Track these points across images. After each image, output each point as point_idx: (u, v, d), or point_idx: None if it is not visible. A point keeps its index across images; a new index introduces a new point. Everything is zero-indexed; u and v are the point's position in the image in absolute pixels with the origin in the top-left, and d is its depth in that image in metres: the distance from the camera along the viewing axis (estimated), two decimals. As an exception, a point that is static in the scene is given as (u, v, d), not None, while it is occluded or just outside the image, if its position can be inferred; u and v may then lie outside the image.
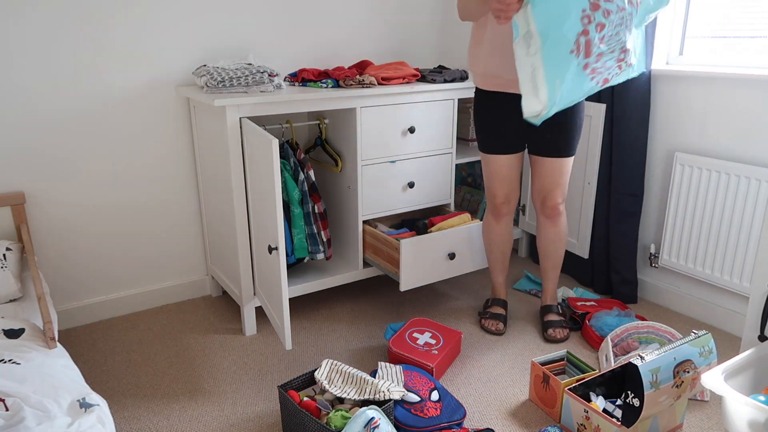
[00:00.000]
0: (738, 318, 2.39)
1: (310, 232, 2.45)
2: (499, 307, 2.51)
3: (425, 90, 2.49)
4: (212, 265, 2.70)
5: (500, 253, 2.47)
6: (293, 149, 2.45)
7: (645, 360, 1.62)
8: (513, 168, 2.29)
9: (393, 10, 2.96)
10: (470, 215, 2.62)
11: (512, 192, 2.34)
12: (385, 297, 2.76)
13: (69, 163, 2.35)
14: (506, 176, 2.30)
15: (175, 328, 2.49)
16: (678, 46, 2.55)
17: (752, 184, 2.22)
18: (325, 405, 1.75)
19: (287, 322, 2.01)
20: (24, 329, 1.65)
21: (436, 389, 1.93)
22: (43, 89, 2.23)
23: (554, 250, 2.40)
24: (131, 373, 2.17)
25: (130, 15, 2.33)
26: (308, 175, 2.43)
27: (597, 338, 2.30)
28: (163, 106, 2.49)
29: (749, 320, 1.96)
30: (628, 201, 2.60)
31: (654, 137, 2.59)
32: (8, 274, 1.90)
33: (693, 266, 2.47)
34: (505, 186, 2.32)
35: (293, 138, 2.50)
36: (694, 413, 1.94)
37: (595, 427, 1.74)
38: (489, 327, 2.44)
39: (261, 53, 2.66)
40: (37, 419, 1.26)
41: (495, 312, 2.49)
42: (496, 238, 2.43)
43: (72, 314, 2.48)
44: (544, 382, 1.93)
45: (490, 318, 2.46)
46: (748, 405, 1.59)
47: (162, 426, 1.89)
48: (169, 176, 2.57)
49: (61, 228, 2.39)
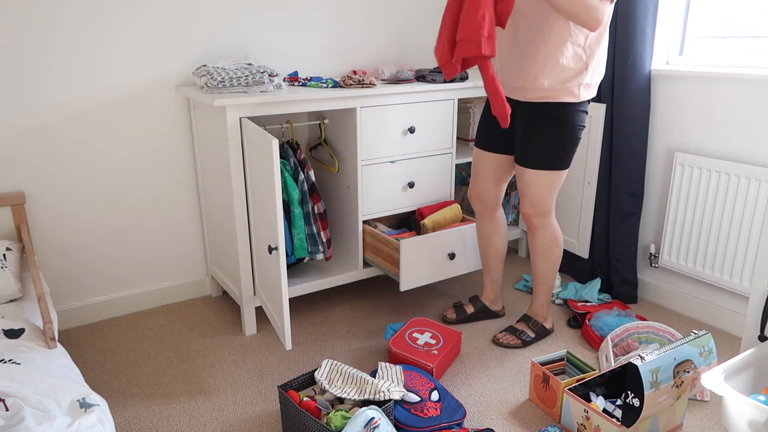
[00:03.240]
0: (738, 318, 2.39)
1: (309, 232, 2.44)
2: (469, 303, 2.55)
3: (425, 90, 2.49)
4: (212, 265, 2.70)
5: (484, 250, 2.46)
6: (293, 149, 2.45)
7: (645, 360, 1.62)
8: (490, 166, 2.28)
9: (393, 9, 2.95)
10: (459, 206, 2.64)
11: (486, 191, 2.32)
12: (385, 297, 2.76)
13: (69, 163, 2.35)
14: (481, 172, 2.31)
15: (175, 328, 2.49)
16: (678, 46, 2.55)
17: (752, 184, 2.22)
18: (325, 405, 1.75)
19: (287, 322, 2.01)
20: (24, 329, 1.65)
21: (436, 389, 1.93)
22: (43, 89, 2.23)
23: (536, 263, 2.30)
24: (131, 373, 2.17)
25: (130, 15, 2.33)
26: (308, 176, 2.43)
27: (597, 338, 2.30)
28: (163, 106, 2.49)
29: (749, 320, 1.96)
30: (628, 201, 2.60)
31: (654, 137, 2.59)
32: (8, 274, 1.90)
33: (693, 266, 2.47)
34: (479, 182, 2.33)
35: (293, 138, 2.50)
36: (694, 413, 1.94)
37: (595, 427, 1.74)
38: (444, 314, 2.56)
39: (261, 53, 2.66)
40: (37, 419, 1.26)
41: (457, 303, 2.57)
42: (480, 233, 2.44)
43: (72, 314, 2.48)
44: (544, 382, 1.93)
45: (451, 306, 2.60)
46: (748, 405, 1.59)
47: (162, 426, 1.89)
48: (169, 176, 2.57)
49: (61, 228, 2.39)
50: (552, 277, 2.32)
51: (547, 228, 2.23)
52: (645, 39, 2.42)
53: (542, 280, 2.32)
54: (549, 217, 2.21)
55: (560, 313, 2.62)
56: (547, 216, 2.21)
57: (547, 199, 2.17)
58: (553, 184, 2.14)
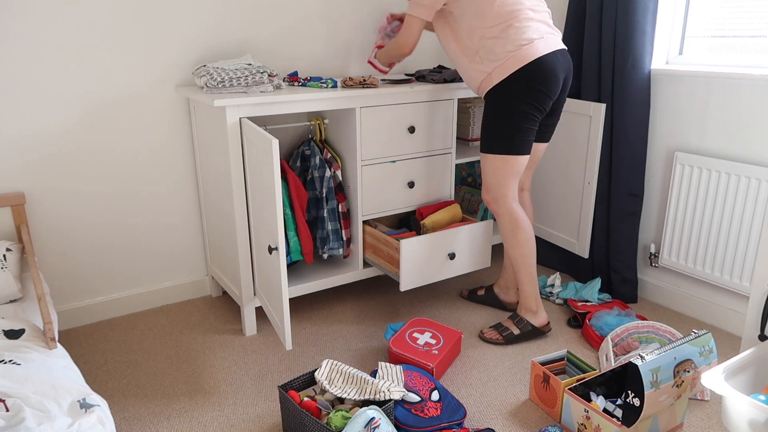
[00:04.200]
0: (738, 318, 2.40)
1: (334, 228, 2.49)
2: (483, 288, 2.71)
3: (425, 90, 2.49)
4: (212, 266, 2.70)
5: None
6: (320, 148, 2.51)
7: (645, 360, 1.62)
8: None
9: (393, 9, 2.95)
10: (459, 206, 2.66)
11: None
12: (385, 297, 2.76)
13: (69, 163, 2.35)
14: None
15: (175, 328, 2.49)
16: (678, 46, 2.55)
17: (752, 184, 2.22)
18: (325, 405, 1.75)
19: (287, 322, 2.01)
20: (24, 330, 1.65)
21: (436, 389, 1.93)
22: (42, 90, 2.23)
23: (506, 249, 2.36)
24: (131, 374, 2.17)
25: (130, 15, 2.33)
26: (335, 174, 2.47)
27: (597, 338, 2.30)
28: (163, 106, 2.49)
29: (749, 320, 1.96)
30: (628, 201, 2.60)
31: (654, 137, 2.59)
32: (8, 274, 1.90)
33: (693, 266, 2.47)
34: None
35: (320, 136, 2.52)
36: (694, 413, 1.94)
37: (595, 426, 1.74)
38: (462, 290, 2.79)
39: (261, 53, 2.66)
40: (37, 420, 1.26)
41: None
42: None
43: (72, 314, 2.48)
44: (545, 382, 1.93)
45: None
46: (748, 405, 1.59)
47: (162, 426, 1.89)
48: (169, 176, 2.57)
49: (61, 228, 2.39)
50: (526, 264, 2.30)
51: (504, 213, 2.27)
52: (645, 39, 2.42)
53: (517, 268, 2.33)
54: (505, 202, 2.26)
55: (560, 312, 2.62)
56: (503, 201, 2.26)
57: (497, 183, 2.24)
58: (498, 168, 2.21)
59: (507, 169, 2.20)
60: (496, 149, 2.19)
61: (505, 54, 2.07)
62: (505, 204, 2.26)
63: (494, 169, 2.22)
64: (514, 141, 2.15)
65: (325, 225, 2.49)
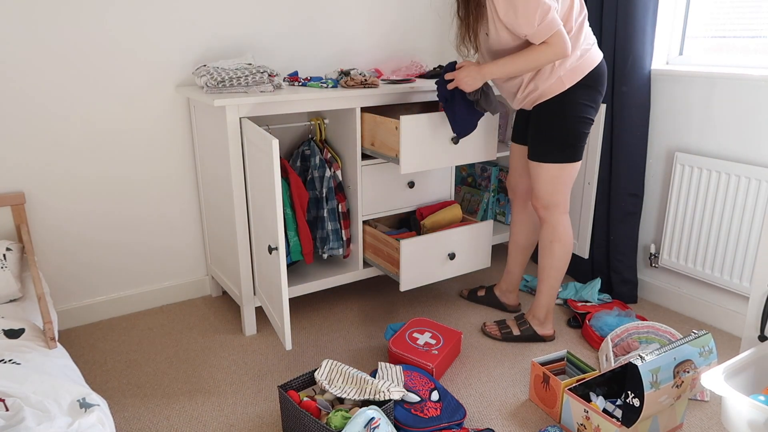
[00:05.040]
0: (738, 318, 2.39)
1: (334, 227, 2.49)
2: (484, 288, 2.71)
3: (425, 90, 2.48)
4: (212, 265, 2.70)
5: (510, 237, 2.55)
6: (320, 148, 2.50)
7: (645, 360, 1.62)
8: (518, 157, 2.38)
9: (393, 9, 2.95)
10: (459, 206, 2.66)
11: (516, 180, 2.42)
12: (385, 297, 2.76)
13: (69, 163, 2.35)
14: (513, 163, 2.43)
15: (175, 328, 2.49)
16: (678, 46, 2.55)
17: (752, 184, 2.22)
18: (325, 405, 1.75)
19: (287, 322, 2.01)
20: (24, 329, 1.65)
21: (436, 389, 1.93)
22: (42, 89, 2.23)
23: (539, 258, 2.31)
24: (131, 373, 2.17)
25: (130, 15, 2.33)
26: (335, 174, 2.47)
27: (597, 338, 2.30)
28: (163, 106, 2.49)
29: (749, 320, 1.96)
30: (628, 201, 2.60)
31: (654, 137, 2.59)
32: (8, 274, 1.90)
33: (693, 266, 2.47)
34: (511, 172, 2.45)
35: (320, 136, 2.51)
36: (694, 413, 1.94)
37: (595, 427, 1.74)
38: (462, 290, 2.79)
39: (261, 53, 2.66)
40: (37, 419, 1.26)
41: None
42: (511, 221, 2.56)
43: (72, 314, 2.48)
44: (544, 382, 1.93)
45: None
46: (748, 405, 1.59)
47: (162, 426, 1.89)
48: (169, 176, 2.57)
49: (61, 228, 2.39)
50: (554, 276, 2.29)
51: (552, 222, 2.22)
52: (645, 39, 2.42)
53: (542, 277, 2.32)
54: (556, 211, 2.20)
55: (560, 313, 2.62)
56: (554, 210, 2.20)
57: (552, 191, 2.17)
58: (555, 177, 2.14)
59: (565, 176, 2.14)
60: (557, 158, 2.10)
61: (575, 58, 2.01)
62: (556, 213, 2.20)
63: (551, 178, 2.14)
64: (577, 148, 2.10)
65: (325, 225, 2.49)
